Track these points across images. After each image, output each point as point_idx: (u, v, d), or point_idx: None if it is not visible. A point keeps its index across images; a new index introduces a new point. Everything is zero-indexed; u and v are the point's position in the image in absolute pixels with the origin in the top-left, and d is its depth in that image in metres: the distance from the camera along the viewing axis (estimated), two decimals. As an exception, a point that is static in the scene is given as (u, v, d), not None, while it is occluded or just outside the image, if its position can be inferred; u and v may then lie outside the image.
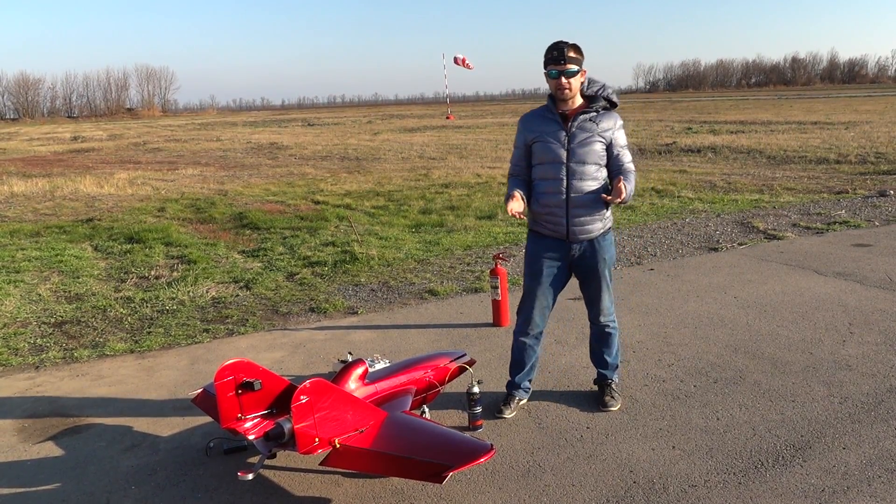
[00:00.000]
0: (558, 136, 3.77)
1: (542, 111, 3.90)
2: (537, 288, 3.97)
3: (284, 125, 48.41)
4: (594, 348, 4.21)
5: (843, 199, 10.96)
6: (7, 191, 14.92)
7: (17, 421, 4.24)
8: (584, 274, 4.00)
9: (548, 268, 3.94)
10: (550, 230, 3.88)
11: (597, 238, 3.90)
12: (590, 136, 3.75)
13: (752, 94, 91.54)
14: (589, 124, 3.76)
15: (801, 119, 30.05)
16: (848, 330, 5.15)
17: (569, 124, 3.76)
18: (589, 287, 4.04)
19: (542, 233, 3.92)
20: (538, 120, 3.87)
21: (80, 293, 6.98)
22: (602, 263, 3.95)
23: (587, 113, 3.78)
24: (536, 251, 3.96)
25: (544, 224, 3.89)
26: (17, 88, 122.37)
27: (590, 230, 3.86)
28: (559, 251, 3.91)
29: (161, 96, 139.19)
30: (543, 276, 3.95)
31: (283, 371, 4.77)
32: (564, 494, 3.22)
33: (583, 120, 3.77)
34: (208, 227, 10.51)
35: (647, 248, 8.13)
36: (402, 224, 10.11)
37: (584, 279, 4.03)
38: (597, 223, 3.87)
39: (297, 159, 21.49)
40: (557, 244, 3.90)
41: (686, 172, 14.66)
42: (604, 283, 4.00)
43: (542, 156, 3.81)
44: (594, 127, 3.77)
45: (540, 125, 3.84)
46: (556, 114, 3.81)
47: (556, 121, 3.80)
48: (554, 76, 3.71)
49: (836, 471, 3.30)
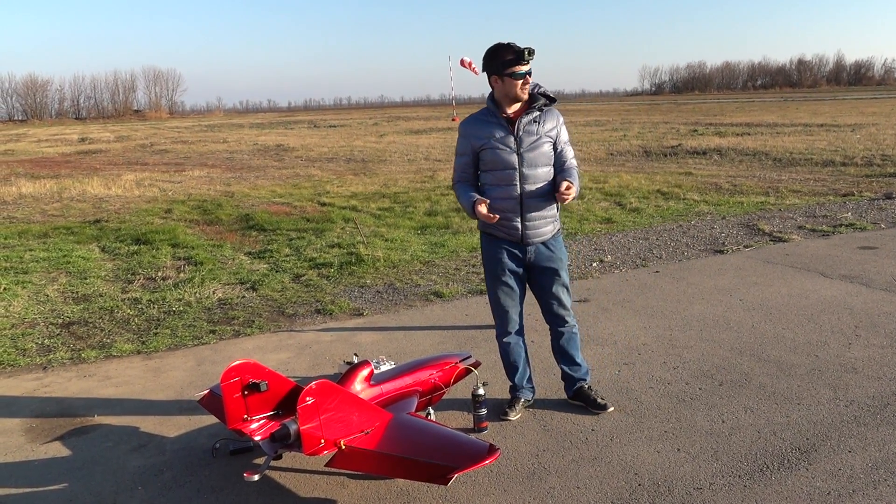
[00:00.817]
0: (507, 142, 3.74)
1: (483, 115, 3.84)
2: (503, 286, 3.95)
3: (291, 127, 48.49)
4: (562, 352, 4.13)
5: (849, 202, 10.93)
6: (15, 192, 15.00)
7: (24, 421, 4.26)
8: (541, 276, 3.96)
9: (508, 266, 3.91)
10: (504, 233, 3.86)
11: (549, 241, 3.90)
12: (537, 139, 3.75)
13: (758, 97, 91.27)
14: (534, 126, 3.75)
15: (807, 121, 29.97)
16: (854, 333, 5.14)
17: (515, 128, 3.75)
18: (547, 289, 3.99)
19: (497, 235, 3.90)
20: (483, 125, 3.80)
21: (88, 294, 7.01)
22: (559, 263, 3.95)
23: (530, 114, 3.76)
24: (493, 252, 3.93)
25: (498, 227, 3.85)
26: (25, 90, 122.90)
27: (543, 232, 3.87)
28: (515, 253, 3.90)
29: (168, 98, 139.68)
30: (507, 275, 3.92)
31: (289, 372, 4.78)
32: (569, 497, 3.22)
33: (528, 122, 3.75)
34: (215, 228, 10.55)
35: (652, 250, 8.12)
36: (408, 226, 10.13)
37: (541, 283, 3.99)
38: (548, 226, 3.88)
39: (304, 161, 21.54)
40: (513, 245, 3.89)
41: (691, 174, 14.64)
42: (560, 282, 3.97)
43: (493, 163, 3.77)
44: (540, 129, 3.76)
45: (485, 131, 3.77)
46: (500, 118, 3.77)
47: (501, 125, 3.76)
48: (520, 76, 3.67)
49: (842, 474, 3.30)
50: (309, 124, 52.04)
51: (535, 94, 3.81)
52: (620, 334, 5.33)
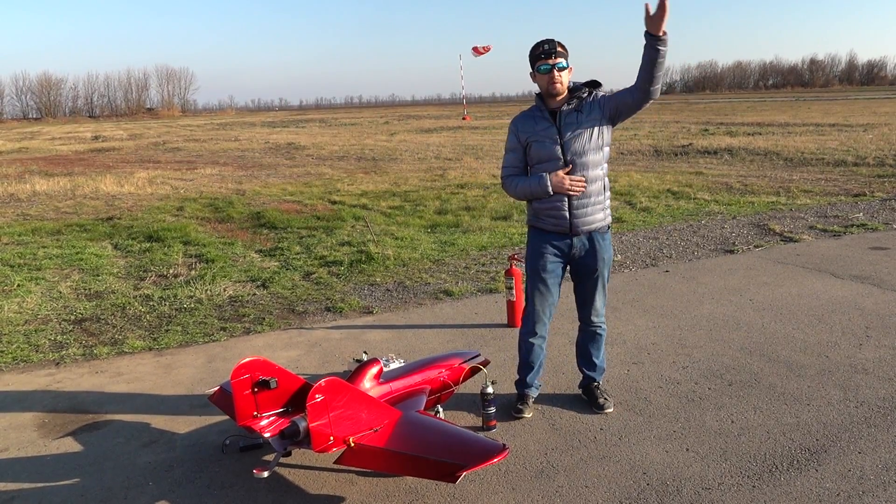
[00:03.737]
0: (550, 134, 3.80)
1: (532, 111, 3.93)
2: (542, 285, 3.99)
3: (302, 125, 48.62)
4: (583, 350, 4.21)
5: (861, 202, 10.86)
6: (29, 189, 15.11)
7: (37, 416, 4.30)
8: (583, 272, 4.01)
9: (551, 264, 3.95)
10: (553, 225, 3.90)
11: (598, 234, 3.92)
12: (578, 128, 3.79)
13: (770, 96, 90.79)
14: (574, 115, 3.80)
15: (819, 121, 29.78)
16: (865, 333, 5.12)
17: (557, 120, 3.80)
18: (585, 286, 4.05)
19: (545, 229, 3.94)
20: (530, 121, 3.90)
21: (100, 291, 7.07)
22: (601, 263, 3.97)
23: (570, 104, 3.82)
24: (539, 248, 3.97)
25: (546, 219, 3.91)
26: (39, 88, 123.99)
27: (592, 220, 3.88)
28: (561, 248, 3.93)
29: (181, 96, 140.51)
30: (548, 273, 3.96)
31: (299, 370, 4.81)
32: (577, 496, 3.22)
33: (567, 112, 3.80)
34: (226, 226, 10.59)
35: (662, 249, 8.11)
36: (418, 224, 10.14)
37: (581, 278, 4.04)
38: (598, 213, 3.89)
39: (315, 159, 21.58)
40: (559, 240, 3.92)
41: (702, 174, 14.58)
42: (601, 282, 4.02)
43: (539, 155, 3.85)
44: (581, 117, 3.80)
45: (532, 126, 3.87)
46: (544, 111, 3.84)
47: (545, 118, 3.83)
48: (545, 71, 3.75)
49: (852, 475, 3.28)
50: (320, 123, 52.13)
51: (575, 84, 3.89)
52: (630, 333, 5.32)
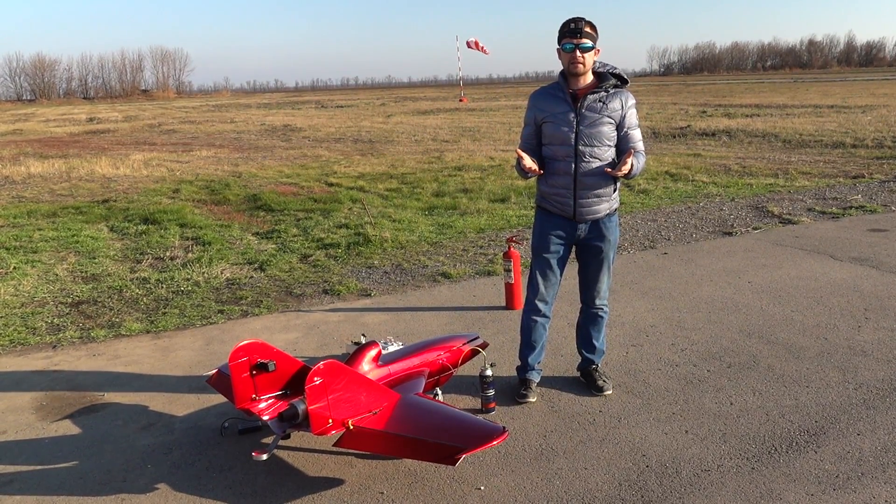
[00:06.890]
0: (567, 118, 3.75)
1: (552, 89, 3.87)
2: (546, 265, 3.97)
3: (298, 107, 48.38)
4: (583, 333, 4.19)
5: (860, 184, 10.85)
6: (24, 171, 15.03)
7: (35, 399, 4.29)
8: (588, 254, 4.00)
9: (555, 245, 3.94)
10: (558, 209, 3.89)
11: (602, 219, 3.89)
12: (598, 118, 3.73)
13: (768, 77, 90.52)
14: (598, 104, 3.74)
15: (818, 102, 29.72)
16: (863, 315, 5.12)
17: (578, 104, 3.74)
18: (589, 268, 4.03)
19: (551, 210, 3.93)
20: (549, 99, 3.84)
21: (97, 273, 7.04)
22: (607, 244, 3.95)
23: (596, 93, 3.75)
24: (544, 228, 3.96)
25: (552, 202, 3.90)
26: (33, 70, 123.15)
27: (596, 211, 3.86)
28: (566, 230, 3.91)
29: (175, 78, 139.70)
30: (551, 253, 3.95)
31: (297, 352, 4.80)
32: (577, 478, 3.23)
33: (592, 100, 3.74)
34: (223, 208, 10.55)
35: (660, 231, 8.09)
36: (416, 207, 10.11)
37: (586, 260, 4.03)
38: (602, 204, 3.86)
39: (311, 142, 21.50)
40: (564, 222, 3.90)
41: (700, 156, 14.55)
42: (605, 265, 4.01)
43: (552, 137, 3.81)
44: (603, 107, 3.74)
45: (550, 105, 3.82)
46: (566, 92, 3.78)
47: (565, 101, 3.77)
48: (569, 49, 3.68)
49: (851, 457, 3.29)
50: (316, 104, 51.90)
51: (604, 73, 3.81)
52: (628, 316, 5.32)
